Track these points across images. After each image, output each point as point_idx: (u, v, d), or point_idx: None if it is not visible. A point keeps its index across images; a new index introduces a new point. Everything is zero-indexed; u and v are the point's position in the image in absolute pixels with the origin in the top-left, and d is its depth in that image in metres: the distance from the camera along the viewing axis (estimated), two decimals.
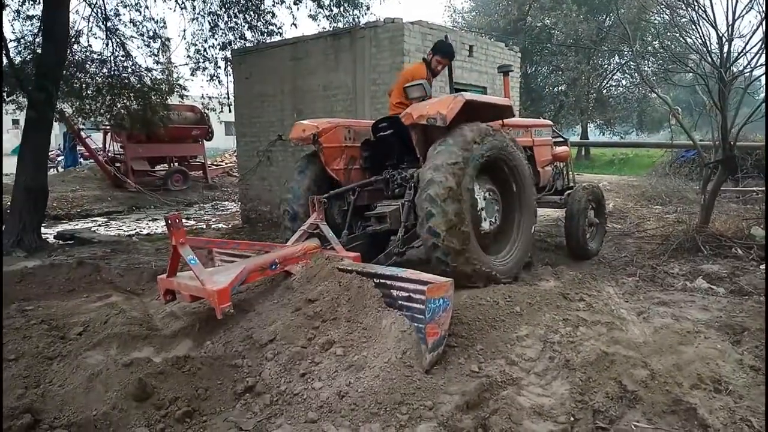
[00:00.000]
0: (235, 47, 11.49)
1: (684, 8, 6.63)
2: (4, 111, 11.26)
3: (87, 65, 10.81)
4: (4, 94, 9.44)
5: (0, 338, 3.18)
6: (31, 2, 9.66)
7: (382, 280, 3.33)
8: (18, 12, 9.68)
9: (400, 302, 3.20)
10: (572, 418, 2.67)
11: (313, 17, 10.90)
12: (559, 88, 25.55)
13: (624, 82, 26.49)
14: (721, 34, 5.95)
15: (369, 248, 4.58)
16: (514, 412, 2.66)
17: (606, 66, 25.43)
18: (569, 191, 6.07)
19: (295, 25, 20.24)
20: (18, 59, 9.18)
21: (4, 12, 8.69)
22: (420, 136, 4.50)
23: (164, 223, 3.48)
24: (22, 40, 9.67)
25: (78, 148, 18.03)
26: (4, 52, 8.06)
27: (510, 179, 4.73)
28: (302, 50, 9.42)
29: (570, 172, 6.93)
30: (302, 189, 4.84)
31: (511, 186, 4.75)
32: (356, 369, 2.86)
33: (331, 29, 10.36)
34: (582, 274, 4.89)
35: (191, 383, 2.77)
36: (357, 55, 8.52)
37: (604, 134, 28.41)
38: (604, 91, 25.82)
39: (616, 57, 24.47)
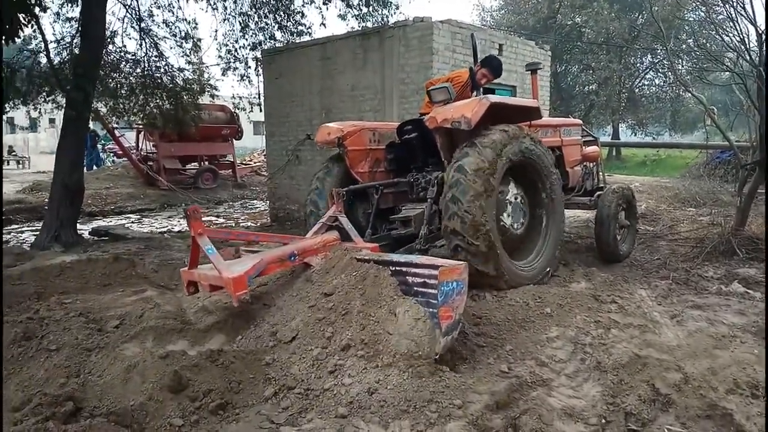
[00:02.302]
0: (265, 47, 11.63)
1: (721, 5, 6.48)
2: (42, 110, 11.64)
3: (121, 65, 11.09)
4: (44, 93, 9.75)
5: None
6: (70, 4, 9.95)
7: (397, 268, 3.30)
8: (58, 14, 9.98)
9: (415, 288, 3.16)
10: (603, 420, 2.64)
11: (342, 17, 10.96)
12: (590, 87, 25.17)
13: (657, 81, 25.99)
14: (761, 31, 5.80)
15: (393, 251, 4.57)
16: (544, 413, 2.64)
17: (638, 65, 24.96)
18: (599, 192, 5.94)
19: (324, 24, 20.44)
20: (57, 60, 9.46)
21: (45, 14, 8.97)
22: (445, 140, 4.48)
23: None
24: (61, 41, 9.96)
25: (109, 147, 18.47)
26: (45, 53, 8.31)
27: (537, 183, 4.68)
28: (331, 50, 9.49)
29: (600, 173, 6.79)
30: (327, 189, 4.88)
31: (538, 190, 4.70)
32: (384, 366, 2.87)
33: (359, 29, 10.40)
34: (614, 277, 4.83)
35: (224, 376, 2.82)
36: (385, 54, 8.55)
37: (636, 134, 27.90)
38: (636, 90, 25.37)
39: (649, 56, 24.01)
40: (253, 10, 11.59)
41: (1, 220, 6.34)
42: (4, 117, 16.49)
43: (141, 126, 15.60)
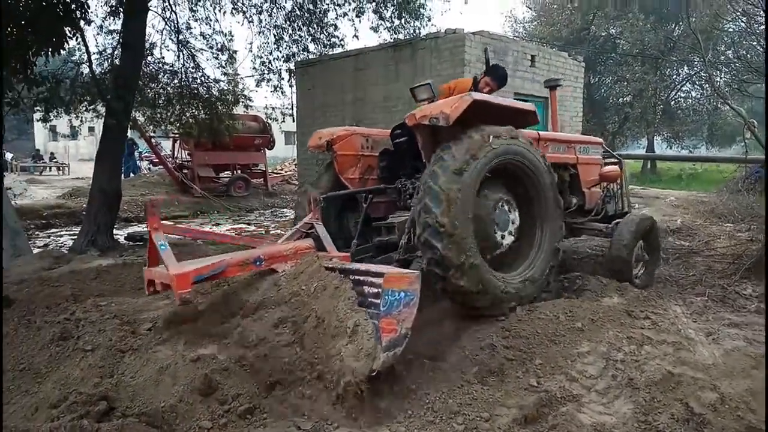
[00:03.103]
0: (299, 59, 11.83)
1: (762, 15, 6.32)
2: (83, 119, 12.04)
3: (159, 76, 11.43)
4: (85, 102, 10.09)
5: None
6: (112, 17, 10.31)
7: (356, 276, 3.08)
8: (101, 27, 10.35)
9: (370, 299, 2.92)
10: None
11: (375, 29, 11.08)
12: (624, 99, 24.72)
13: (694, 93, 25.36)
14: None
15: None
16: (574, 429, 2.60)
17: (674, 76, 24.45)
18: (618, 220, 5.28)
19: (356, 36, 20.69)
20: (98, 70, 9.79)
21: (89, 27, 9.30)
22: (427, 140, 4.16)
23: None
24: (103, 53, 10.33)
25: (145, 155, 18.94)
26: (88, 64, 8.61)
27: (530, 189, 4.31)
28: (363, 61, 9.60)
29: (624, 197, 6.16)
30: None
31: (530, 197, 4.34)
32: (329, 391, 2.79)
33: (392, 40, 10.50)
34: (647, 292, 4.71)
35: (253, 381, 2.85)
36: (417, 65, 8.60)
37: (671, 148, 27.25)
38: (672, 102, 24.82)
39: (686, 67, 23.48)
40: (288, 23, 11.82)
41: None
42: (47, 125, 17.07)
43: (177, 135, 15.99)
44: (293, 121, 12.53)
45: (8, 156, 13.59)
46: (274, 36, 11.99)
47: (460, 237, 3.61)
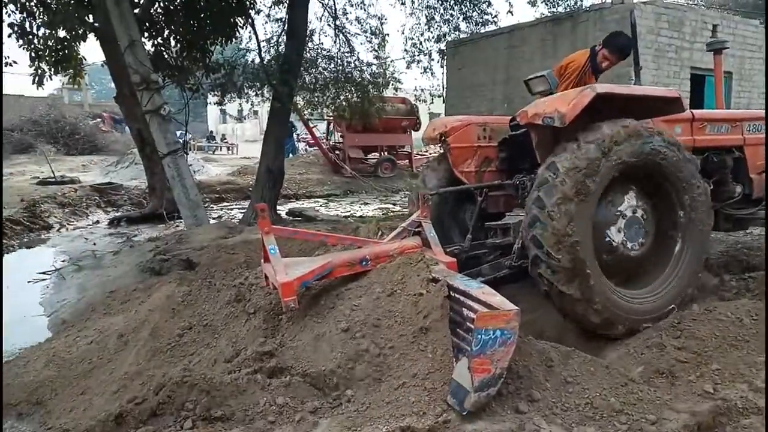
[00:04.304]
0: (450, 39, 11.76)
1: None
2: (252, 103, 13.17)
3: (317, 61, 12.09)
4: (254, 87, 11.00)
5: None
6: (278, 5, 11.10)
7: (455, 295, 2.84)
8: (268, 15, 11.19)
9: (468, 324, 2.67)
10: None
11: (532, 3, 10.60)
12: None
13: None
14: None
15: (485, 263, 4.06)
16: None
17: None
18: None
19: (511, 12, 19.90)
20: (266, 57, 10.63)
21: (258, 16, 10.10)
22: (542, 138, 3.73)
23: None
24: (270, 40, 11.18)
25: (302, 136, 20.22)
26: (257, 51, 9.38)
27: (672, 196, 3.69)
28: (518, 38, 9.27)
29: None
30: (429, 187, 4.49)
31: (673, 205, 3.72)
32: None
33: (550, 14, 9.97)
34: None
35: None
36: (578, 40, 8.09)
37: None
38: None
39: None
40: (440, 2, 11.79)
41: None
42: (221, 108, 19.02)
43: (331, 117, 16.86)
44: (443, 102, 12.54)
45: (188, 136, 15.62)
46: (426, 16, 12.05)
47: (572, 238, 3.24)
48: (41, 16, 8.38)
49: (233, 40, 9.66)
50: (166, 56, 9.39)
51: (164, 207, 9.68)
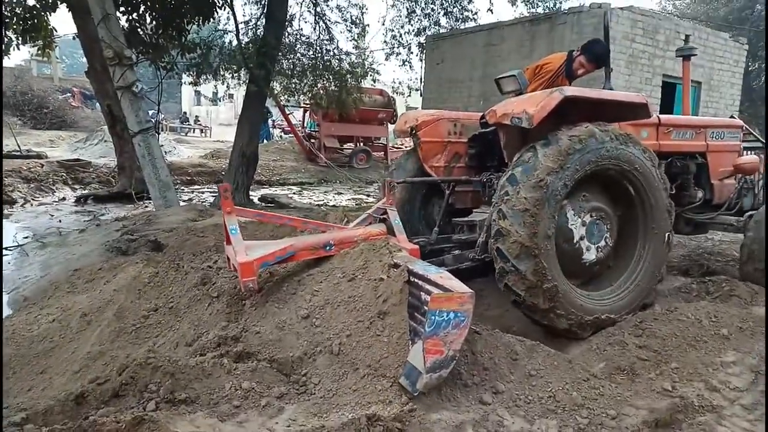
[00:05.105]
0: (430, 33, 11.76)
1: None
2: (228, 85, 12.93)
3: (296, 47, 11.94)
4: (230, 69, 10.82)
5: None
6: None
7: (414, 279, 2.82)
8: None
9: (424, 308, 2.66)
10: None
11: (512, 2, 10.68)
12: None
13: None
14: None
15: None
16: None
17: None
18: (752, 212, 4.56)
19: (491, 11, 20.02)
20: (244, 40, 10.45)
21: None
22: (510, 138, 3.76)
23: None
24: (249, 23, 10.99)
25: (278, 123, 20.02)
26: (235, 33, 9.22)
27: (634, 198, 3.73)
28: (497, 36, 9.32)
29: (762, 190, 5.14)
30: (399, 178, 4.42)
31: (633, 206, 3.76)
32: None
33: (529, 15, 10.06)
34: None
35: None
36: (555, 41, 8.19)
37: None
38: None
39: None
40: None
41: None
42: (194, 89, 18.64)
43: (308, 105, 16.70)
44: (420, 95, 12.55)
45: (160, 116, 15.22)
46: (407, 9, 12.02)
47: (537, 249, 3.25)
48: None
49: (211, 20, 9.47)
50: (140, 32, 9.15)
51: (133, 187, 9.46)
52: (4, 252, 6.25)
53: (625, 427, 2.46)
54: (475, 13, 11.68)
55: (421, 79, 12.92)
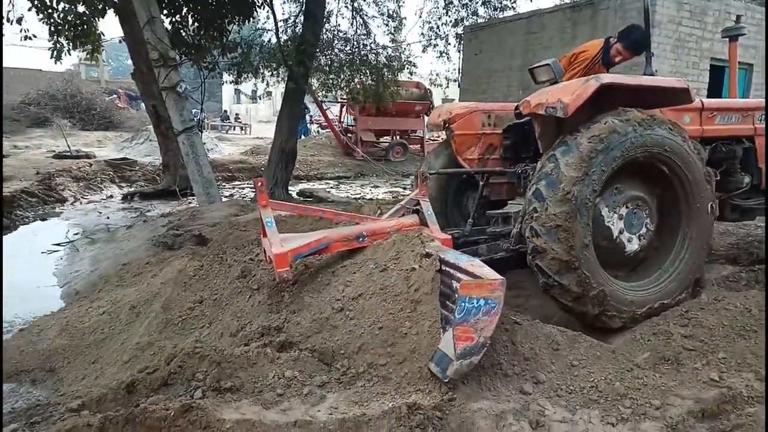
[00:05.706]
0: (467, 23, 11.64)
1: None
2: (268, 83, 13.14)
3: (334, 43, 12.03)
4: (270, 67, 10.98)
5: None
6: None
7: (446, 268, 2.82)
8: None
9: (455, 296, 2.64)
10: None
11: None
12: None
13: None
14: None
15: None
16: None
17: None
18: None
19: None
20: (283, 38, 10.59)
21: None
22: (545, 128, 3.66)
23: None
24: (288, 21, 11.12)
25: (315, 118, 20.18)
26: (275, 31, 9.36)
27: (675, 185, 3.61)
28: (537, 24, 9.15)
29: None
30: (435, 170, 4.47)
31: (670, 184, 3.63)
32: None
33: (570, 1, 9.84)
34: None
35: None
36: (598, 27, 7.99)
37: None
38: None
39: None
40: None
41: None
42: (235, 87, 18.97)
43: (345, 100, 16.82)
44: (458, 87, 12.46)
45: (202, 115, 15.71)
46: (444, 0, 11.92)
47: (569, 229, 3.18)
48: None
49: (251, 19, 9.64)
50: (183, 34, 9.40)
51: (178, 183, 9.76)
52: (58, 248, 6.56)
53: (669, 417, 2.41)
54: (514, 2, 11.52)
55: (459, 70, 12.81)
